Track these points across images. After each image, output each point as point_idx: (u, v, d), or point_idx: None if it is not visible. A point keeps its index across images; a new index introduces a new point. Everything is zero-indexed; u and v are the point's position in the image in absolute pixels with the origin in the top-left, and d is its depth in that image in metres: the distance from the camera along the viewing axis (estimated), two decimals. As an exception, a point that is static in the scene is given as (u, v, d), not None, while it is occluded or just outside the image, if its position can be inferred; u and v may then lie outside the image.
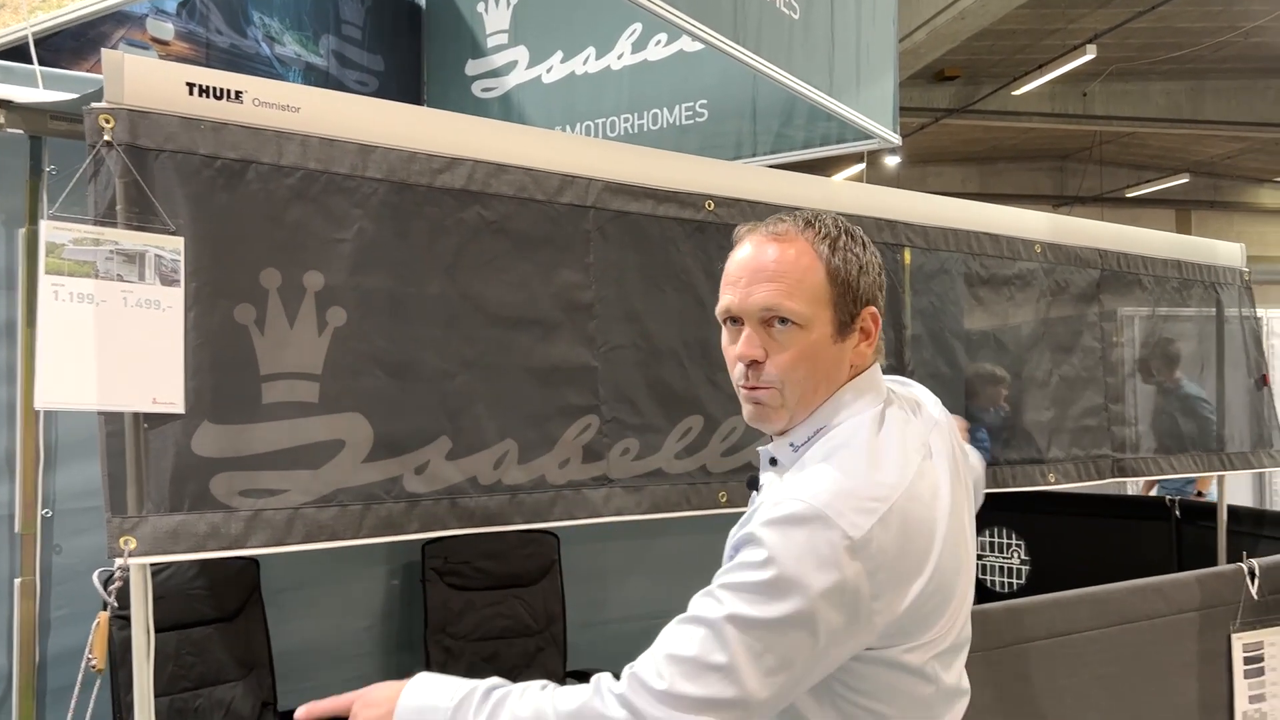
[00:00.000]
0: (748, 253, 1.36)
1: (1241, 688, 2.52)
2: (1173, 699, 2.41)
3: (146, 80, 1.71)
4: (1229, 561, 2.67)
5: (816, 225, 1.37)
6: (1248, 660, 2.53)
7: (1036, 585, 4.08)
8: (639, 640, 1.70)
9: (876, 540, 1.21)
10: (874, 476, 1.27)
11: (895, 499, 1.25)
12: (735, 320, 1.36)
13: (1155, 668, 2.37)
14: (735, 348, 1.36)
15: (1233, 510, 3.78)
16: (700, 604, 1.25)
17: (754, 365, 1.33)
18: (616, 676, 1.28)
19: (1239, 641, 2.52)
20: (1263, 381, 3.71)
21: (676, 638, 1.24)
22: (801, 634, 1.20)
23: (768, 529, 1.22)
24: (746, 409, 1.38)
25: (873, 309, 1.38)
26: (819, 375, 1.35)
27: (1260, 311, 4.61)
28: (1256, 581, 2.54)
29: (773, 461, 1.43)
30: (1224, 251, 3.63)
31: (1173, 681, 2.41)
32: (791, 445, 1.37)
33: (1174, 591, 2.43)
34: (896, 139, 4.26)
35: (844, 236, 1.37)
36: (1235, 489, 5.58)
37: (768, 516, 1.23)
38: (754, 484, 1.46)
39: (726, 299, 1.36)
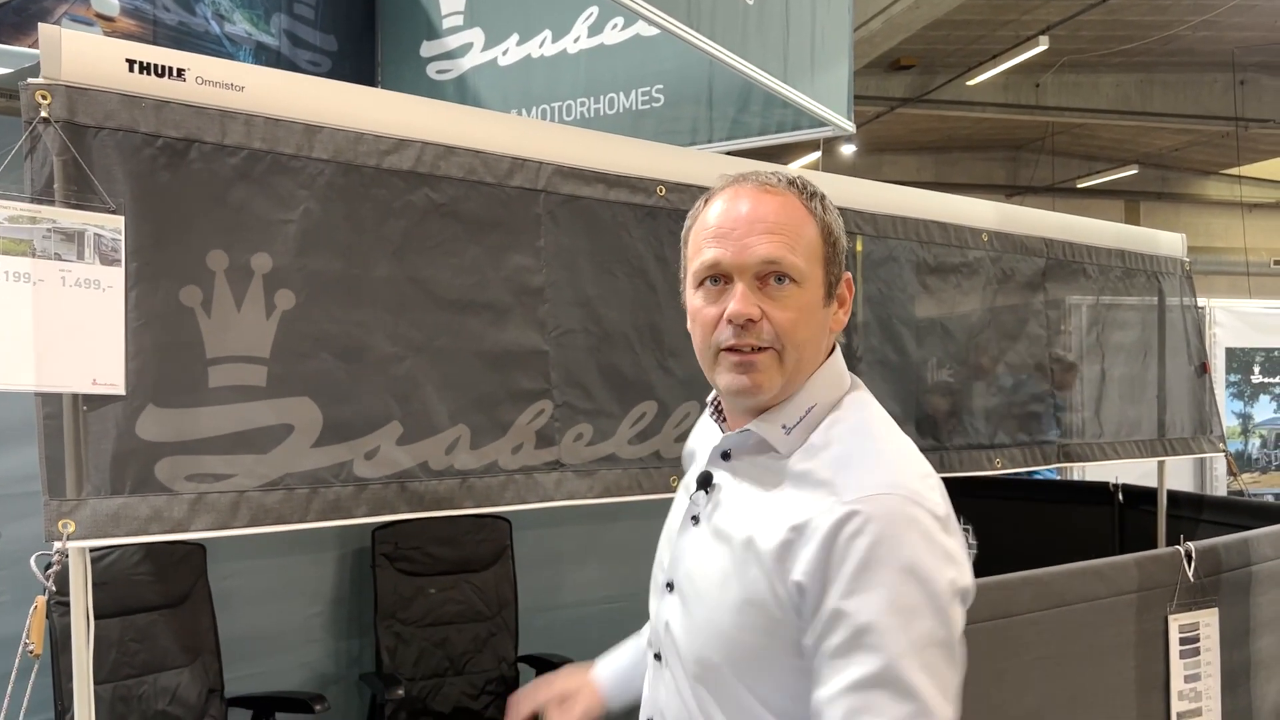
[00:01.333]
0: (740, 203, 1.23)
1: (1177, 667, 2.58)
2: (1110, 679, 2.46)
3: (85, 56, 1.68)
4: (1168, 545, 2.73)
5: (800, 183, 1.27)
6: (1183, 641, 2.60)
7: (984, 569, 4.14)
8: (590, 625, 1.71)
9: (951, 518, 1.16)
10: (917, 457, 1.23)
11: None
12: (718, 279, 1.23)
13: (1094, 648, 2.42)
14: (717, 308, 1.22)
15: (1173, 495, 3.87)
16: (861, 662, 1.08)
17: (749, 325, 1.19)
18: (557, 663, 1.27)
19: (1175, 623, 2.58)
20: (1203, 369, 3.79)
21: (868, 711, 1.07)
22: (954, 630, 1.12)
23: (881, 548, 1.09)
24: (730, 379, 1.22)
25: (849, 275, 1.29)
26: (815, 342, 1.24)
27: (1202, 301, 4.71)
28: (1193, 564, 2.60)
29: (724, 456, 1.31)
30: (1165, 242, 3.70)
31: (1110, 662, 2.46)
32: (784, 427, 1.23)
33: (1113, 574, 2.48)
34: (851, 126, 4.29)
35: (823, 196, 1.28)
36: (1176, 474, 5.71)
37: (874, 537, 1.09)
38: (707, 481, 1.31)
39: (712, 253, 1.22)
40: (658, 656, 1.35)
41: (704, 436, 1.45)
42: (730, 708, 1.20)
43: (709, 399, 1.42)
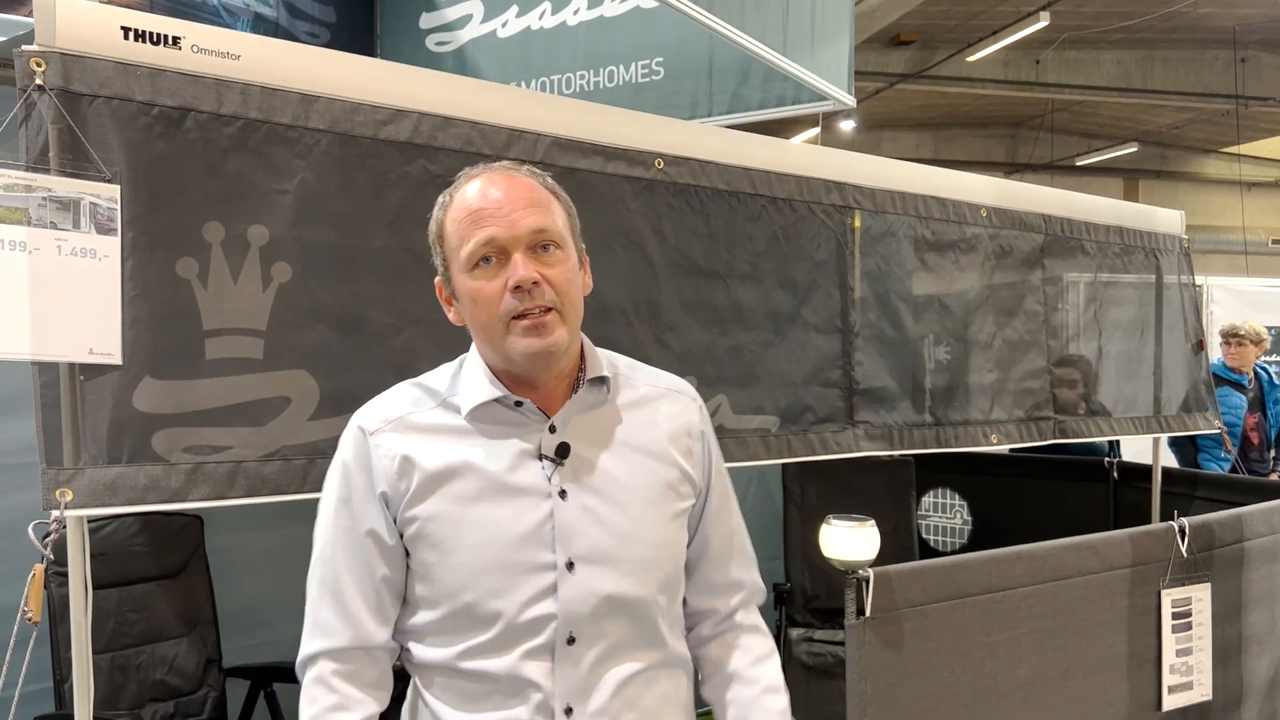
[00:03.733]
0: (495, 187, 1.34)
1: (1169, 642, 2.60)
2: (1102, 652, 2.48)
3: (79, 23, 1.67)
4: (1162, 521, 2.75)
5: (530, 168, 1.42)
6: (1176, 615, 2.61)
7: (979, 545, 4.16)
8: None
9: None
10: None
11: None
12: (490, 258, 1.31)
13: (1087, 622, 2.44)
14: (497, 283, 1.30)
15: (1167, 472, 3.89)
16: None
17: (533, 288, 1.29)
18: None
19: (1168, 597, 2.60)
20: (1200, 347, 3.80)
21: (746, 543, 1.58)
22: None
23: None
24: (527, 342, 1.30)
25: (583, 247, 1.45)
26: (579, 302, 1.39)
27: (1200, 279, 4.70)
28: (1186, 540, 2.61)
29: (551, 429, 1.37)
30: (1164, 219, 3.70)
31: (1103, 635, 2.48)
32: (613, 366, 1.46)
33: (1107, 549, 2.49)
34: (851, 101, 4.26)
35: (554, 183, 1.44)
36: (1170, 451, 5.73)
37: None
38: (565, 451, 1.36)
39: (486, 233, 1.30)
40: (570, 640, 1.34)
41: (470, 443, 1.37)
42: (674, 609, 1.47)
43: (484, 398, 1.37)
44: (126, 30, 1.70)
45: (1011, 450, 3.72)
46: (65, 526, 1.63)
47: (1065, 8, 11.30)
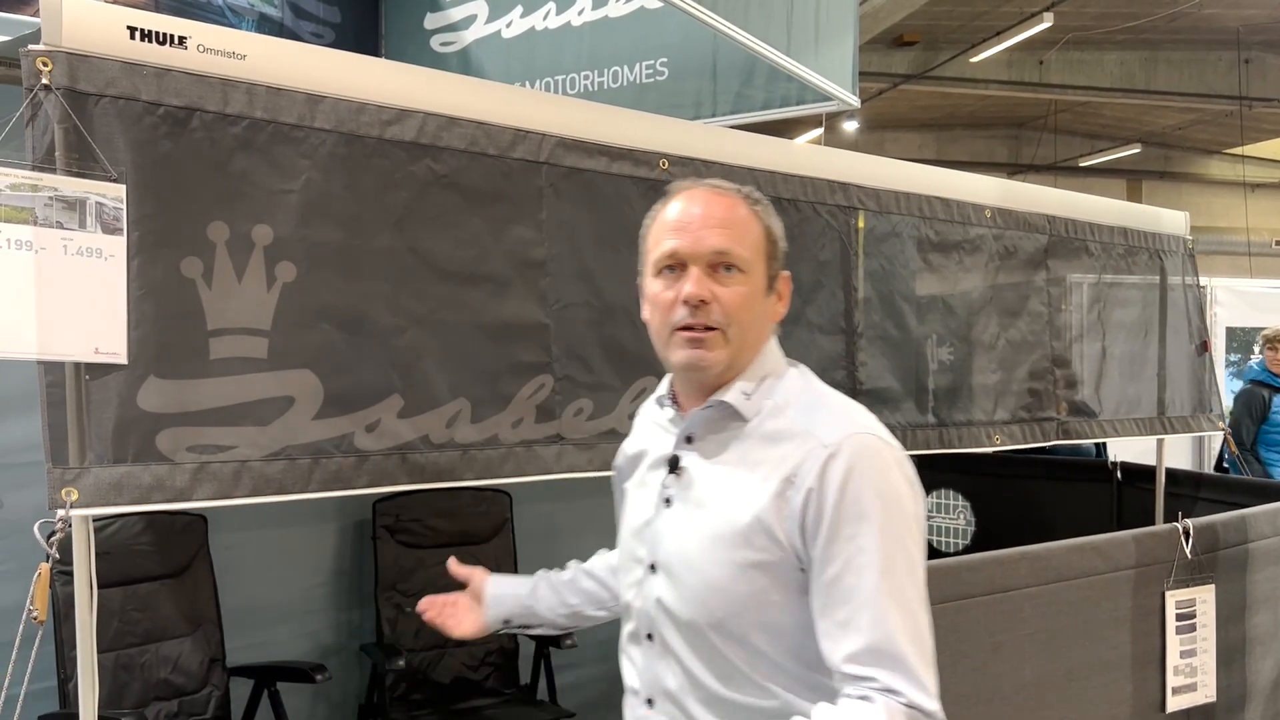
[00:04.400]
0: (694, 203, 1.42)
1: (1173, 643, 2.60)
2: (1106, 653, 2.48)
3: (86, 22, 1.67)
4: (1166, 522, 2.75)
5: (745, 191, 1.45)
6: (1180, 617, 2.61)
7: (983, 545, 4.16)
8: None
9: None
10: (866, 411, 1.42)
11: None
12: (674, 267, 1.39)
13: (1090, 623, 2.44)
14: (673, 292, 1.38)
15: (1171, 473, 3.88)
16: (864, 580, 1.26)
17: (701, 305, 1.36)
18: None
19: (1172, 598, 2.60)
20: (1204, 348, 3.79)
21: (879, 621, 1.24)
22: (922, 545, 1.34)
23: (858, 482, 1.28)
24: (683, 354, 1.38)
25: (786, 274, 1.47)
26: (756, 324, 1.41)
27: (1204, 280, 4.70)
28: (1190, 541, 2.61)
29: (688, 440, 1.44)
30: (1168, 220, 3.69)
31: (1107, 636, 2.48)
32: (745, 394, 1.40)
33: (1111, 550, 2.49)
34: (856, 101, 4.25)
35: (767, 204, 1.47)
36: (1174, 452, 5.72)
37: (845, 469, 1.28)
38: (675, 463, 1.44)
39: (670, 244, 1.39)
40: (649, 637, 1.45)
41: (651, 435, 1.56)
42: (743, 655, 1.34)
43: (659, 395, 1.55)
44: (133, 30, 1.71)
45: (1002, 451, 3.72)
46: (70, 526, 1.64)
47: (1069, 8, 11.29)
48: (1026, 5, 11.39)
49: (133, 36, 1.71)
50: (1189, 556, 2.61)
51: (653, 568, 1.44)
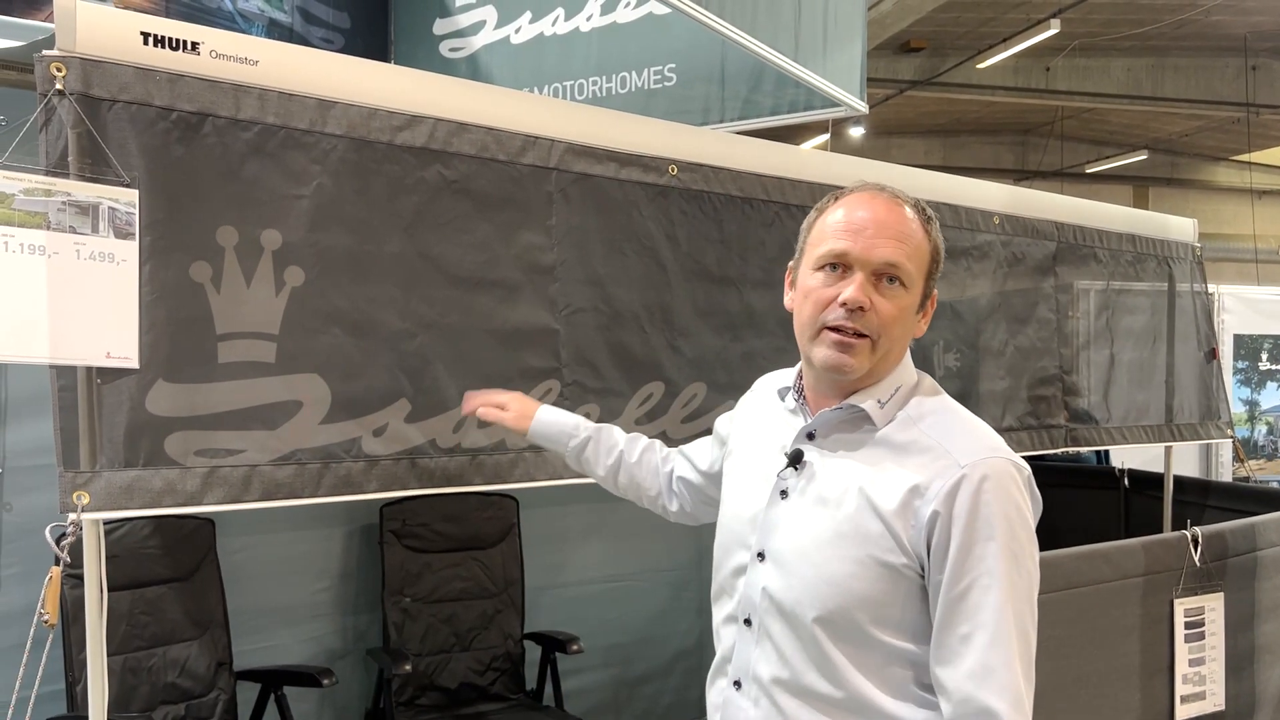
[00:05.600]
0: (874, 208, 1.42)
1: (1182, 651, 2.59)
2: (1115, 661, 2.47)
3: (99, 28, 1.68)
4: (1174, 530, 2.74)
5: (920, 205, 1.46)
6: (1189, 625, 2.60)
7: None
8: (595, 604, 1.73)
9: None
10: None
11: None
12: (838, 267, 1.41)
13: (1099, 631, 2.43)
14: (832, 291, 1.40)
15: (1179, 480, 3.87)
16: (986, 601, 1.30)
17: (858, 311, 1.38)
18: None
19: (1181, 607, 2.59)
20: (1212, 355, 3.79)
21: (998, 642, 1.30)
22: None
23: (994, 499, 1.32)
24: (828, 354, 1.40)
25: (935, 293, 1.48)
26: (904, 338, 1.44)
27: (1211, 287, 4.69)
28: (1199, 549, 2.60)
29: (809, 436, 1.47)
30: (1176, 226, 3.69)
31: (1115, 644, 2.47)
32: (879, 402, 1.43)
33: (1120, 558, 2.48)
34: (864, 106, 4.26)
35: (937, 221, 1.47)
36: (1181, 460, 5.70)
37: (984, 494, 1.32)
38: (798, 457, 1.47)
39: (842, 244, 1.40)
40: (747, 622, 1.48)
41: (766, 418, 1.59)
42: (846, 650, 1.37)
43: (791, 385, 1.55)
44: (146, 35, 1.71)
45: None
46: (81, 529, 1.64)
47: (1076, 15, 11.29)
48: (1033, 11, 11.40)
49: (146, 42, 1.72)
50: (1198, 564, 2.60)
51: (760, 556, 1.46)
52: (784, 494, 1.46)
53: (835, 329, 1.40)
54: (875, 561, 1.35)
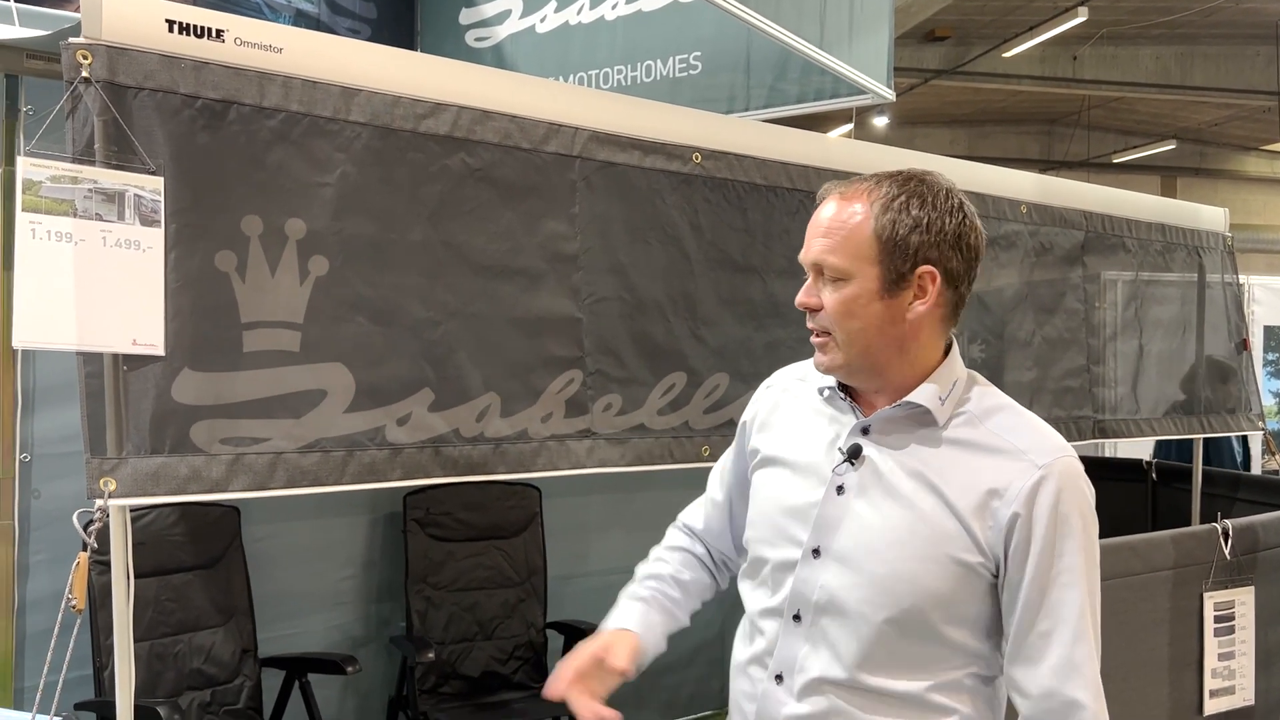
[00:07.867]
0: (820, 210, 1.44)
1: (1211, 645, 2.56)
2: (1144, 655, 2.44)
3: (125, 16, 1.68)
4: (1202, 523, 2.71)
5: (884, 185, 1.41)
6: (1218, 619, 2.57)
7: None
8: (617, 593, 1.72)
9: None
10: None
11: None
12: (809, 272, 1.45)
13: (1128, 624, 2.40)
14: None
15: (1208, 473, 3.83)
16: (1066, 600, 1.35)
17: (810, 312, 1.42)
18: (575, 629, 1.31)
19: (1210, 600, 2.56)
20: (1243, 346, 3.74)
21: (1079, 638, 1.36)
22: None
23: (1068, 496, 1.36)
24: (815, 355, 1.46)
25: (929, 268, 1.38)
26: (871, 329, 1.39)
27: (1242, 278, 4.63)
28: (1230, 542, 2.57)
29: (863, 431, 1.44)
30: (1207, 216, 3.64)
31: (1144, 638, 2.44)
32: (940, 398, 1.41)
33: (1148, 550, 2.46)
34: (891, 94, 4.21)
35: (904, 196, 1.39)
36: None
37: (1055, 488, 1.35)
38: (857, 452, 1.43)
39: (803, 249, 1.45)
40: (796, 618, 1.44)
41: (804, 416, 1.54)
42: (912, 647, 1.37)
43: (823, 384, 1.51)
44: (171, 23, 1.72)
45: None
46: (108, 515, 1.65)
47: (1104, 3, 11.16)
48: (1060, 0, 11.27)
49: (171, 30, 1.72)
50: (1228, 558, 2.57)
51: (816, 552, 1.43)
52: (840, 489, 1.43)
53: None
54: (951, 560, 1.35)
